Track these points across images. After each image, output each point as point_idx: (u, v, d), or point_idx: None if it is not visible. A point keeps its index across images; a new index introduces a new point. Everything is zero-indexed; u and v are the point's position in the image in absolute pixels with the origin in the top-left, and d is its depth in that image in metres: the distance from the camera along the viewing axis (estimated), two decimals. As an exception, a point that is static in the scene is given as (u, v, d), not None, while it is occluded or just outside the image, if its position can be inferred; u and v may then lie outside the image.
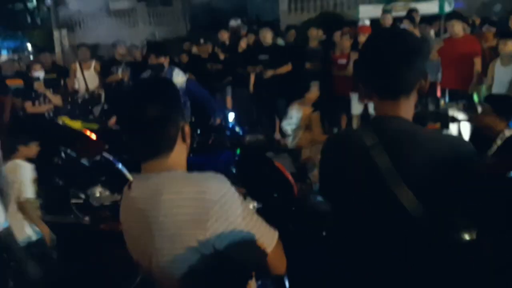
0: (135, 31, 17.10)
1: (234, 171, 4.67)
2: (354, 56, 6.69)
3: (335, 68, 6.89)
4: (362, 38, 6.77)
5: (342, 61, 6.79)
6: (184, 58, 8.80)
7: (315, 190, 4.02)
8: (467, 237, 1.53)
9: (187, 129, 1.46)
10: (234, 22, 11.58)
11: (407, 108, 1.50)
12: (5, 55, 7.25)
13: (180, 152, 1.46)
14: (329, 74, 6.95)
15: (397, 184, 1.41)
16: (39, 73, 6.18)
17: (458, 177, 1.41)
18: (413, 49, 1.47)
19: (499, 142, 3.29)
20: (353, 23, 8.61)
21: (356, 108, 6.75)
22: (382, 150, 1.44)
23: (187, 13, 19.40)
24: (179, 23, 19.07)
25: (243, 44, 8.07)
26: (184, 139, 1.47)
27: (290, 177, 3.59)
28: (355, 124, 6.80)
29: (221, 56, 8.03)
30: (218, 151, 4.78)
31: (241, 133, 4.78)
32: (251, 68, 6.93)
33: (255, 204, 2.43)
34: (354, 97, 6.69)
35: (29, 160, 6.01)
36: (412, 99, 1.50)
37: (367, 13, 11.96)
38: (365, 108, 6.68)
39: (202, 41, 8.37)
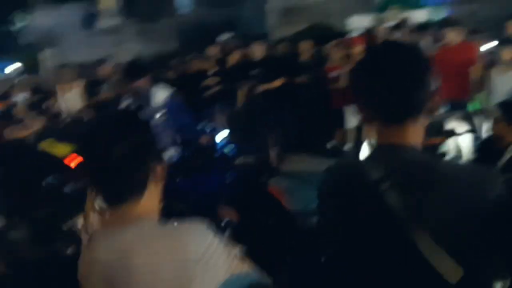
0: (123, 48, 16.91)
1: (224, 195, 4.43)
2: (347, 67, 6.51)
3: (329, 80, 6.68)
4: (355, 50, 6.60)
5: (335, 73, 6.60)
6: (173, 74, 8.64)
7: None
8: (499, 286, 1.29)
9: (160, 169, 1.24)
10: (223, 37, 11.43)
11: (416, 134, 1.26)
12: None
13: (152, 197, 1.25)
14: (322, 87, 6.74)
15: (414, 229, 1.16)
16: (20, 97, 5.93)
17: (487, 219, 1.17)
18: (420, 64, 1.26)
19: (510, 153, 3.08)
20: (344, 34, 8.46)
21: (351, 121, 6.52)
22: (393, 186, 1.19)
23: (175, 29, 19.26)
24: (167, 39, 18.92)
25: (232, 58, 7.88)
26: (156, 182, 1.25)
27: (286, 204, 3.34)
28: (350, 138, 6.57)
29: (210, 71, 7.84)
30: (207, 174, 4.53)
31: (232, 153, 4.54)
32: (240, 83, 6.71)
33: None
34: (349, 110, 6.47)
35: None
36: (422, 123, 1.26)
37: (357, 24, 11.86)
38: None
39: (191, 56, 8.20)
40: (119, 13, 19.29)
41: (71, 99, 7.24)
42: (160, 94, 4.56)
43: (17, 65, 18.35)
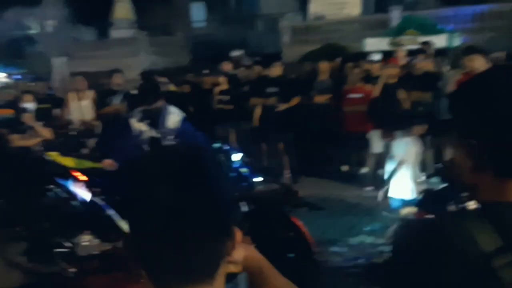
0: (136, 60, 16.85)
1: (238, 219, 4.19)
2: (367, 90, 6.33)
3: (346, 102, 6.48)
4: (374, 72, 6.42)
5: (355, 95, 6.39)
6: (187, 88, 8.47)
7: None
8: None
9: (238, 236, 0.91)
10: (235, 53, 11.32)
11: None
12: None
13: (222, 280, 0.90)
14: (338, 109, 6.54)
15: None
16: (29, 104, 5.76)
17: None
18: None
19: None
20: (361, 56, 8.30)
21: (377, 146, 6.26)
22: None
23: (188, 44, 19.24)
24: (180, 53, 18.87)
25: (247, 76, 7.72)
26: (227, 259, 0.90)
27: (309, 236, 3.09)
28: (371, 163, 6.30)
29: (224, 87, 7.68)
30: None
31: (248, 175, 4.32)
32: (256, 100, 6.50)
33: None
34: (375, 134, 6.23)
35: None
36: None
37: (373, 46, 11.69)
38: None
39: (206, 71, 8.04)
40: (133, 24, 19.31)
41: (81, 109, 7.07)
42: (173, 117, 4.40)
43: (28, 71, 18.34)
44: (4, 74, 13.79)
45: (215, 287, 0.86)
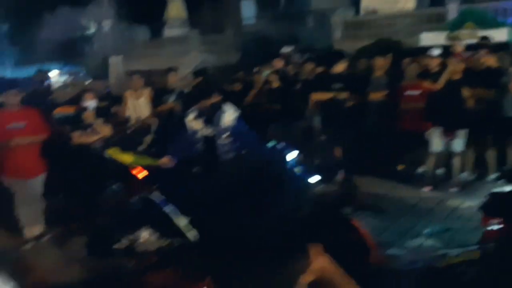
0: (187, 58, 17.12)
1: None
2: (426, 86, 6.10)
3: (404, 99, 6.26)
4: (434, 67, 6.17)
5: (413, 92, 6.17)
6: (238, 86, 8.47)
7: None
8: None
9: (314, 252, 0.90)
10: (286, 50, 11.23)
11: None
12: (59, 81, 7.12)
13: None
14: (395, 106, 6.33)
15: None
16: (91, 103, 5.95)
17: None
18: None
19: None
20: (419, 52, 8.01)
21: (437, 144, 6.03)
22: None
23: (238, 41, 19.34)
24: (230, 51, 19.01)
25: (303, 72, 7.62)
26: None
27: (370, 241, 2.99)
28: (431, 163, 6.07)
29: (275, 85, 7.63)
30: (278, 195, 4.27)
31: (303, 175, 4.26)
32: (319, 95, 6.31)
33: None
34: (435, 132, 5.99)
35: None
36: None
37: (429, 41, 11.27)
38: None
39: (257, 69, 8.01)
40: (185, 23, 19.62)
41: (138, 106, 7.25)
42: (229, 114, 4.40)
43: (84, 70, 19.02)
44: (63, 73, 14.40)
45: None
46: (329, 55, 6.45)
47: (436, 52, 6.19)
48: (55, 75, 12.12)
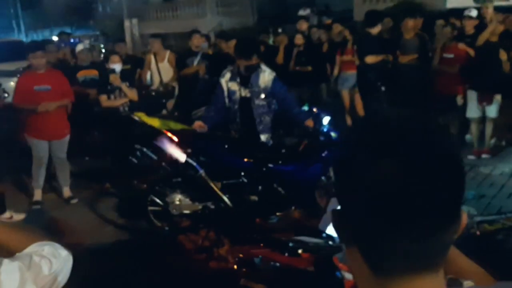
0: (203, 21, 16.81)
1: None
2: (460, 49, 5.89)
3: (441, 63, 6.04)
4: (470, 29, 5.94)
5: (446, 55, 5.96)
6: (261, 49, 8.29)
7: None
8: None
9: (464, 219, 0.80)
10: (303, 12, 10.92)
11: None
12: (80, 45, 6.99)
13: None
14: (429, 70, 6.12)
15: None
16: (117, 65, 5.86)
17: None
18: None
19: None
20: (449, 14, 7.74)
21: (474, 110, 5.84)
22: None
23: (254, 3, 18.91)
24: (246, 13, 18.61)
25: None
26: None
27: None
28: (474, 130, 5.91)
29: (302, 47, 7.44)
30: (307, 160, 4.22)
31: (337, 138, 4.18)
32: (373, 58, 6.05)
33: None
34: (471, 97, 5.80)
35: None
36: None
37: (456, 3, 10.87)
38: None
39: (280, 30, 7.80)
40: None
41: (161, 70, 7.14)
42: (266, 75, 4.28)
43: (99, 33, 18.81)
44: (82, 36, 14.28)
45: (439, 275, 0.76)
46: (367, 15, 6.13)
47: (473, 13, 5.93)
48: (76, 38, 12.00)
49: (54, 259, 1.23)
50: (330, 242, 2.42)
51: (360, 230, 0.76)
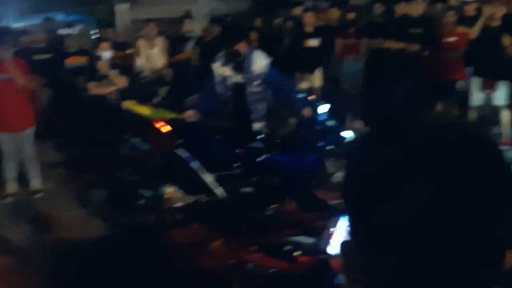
0: (196, 6, 16.46)
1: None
2: (462, 32, 5.68)
3: (443, 47, 5.82)
4: (473, 12, 5.73)
5: (451, 39, 5.74)
6: (254, 35, 8.05)
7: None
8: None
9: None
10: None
11: None
12: (68, 30, 6.72)
13: None
14: (434, 55, 5.91)
15: None
16: (107, 53, 5.62)
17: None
18: None
19: None
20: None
21: (476, 98, 5.67)
22: None
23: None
24: (240, -3, 18.25)
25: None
26: None
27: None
28: (473, 117, 5.72)
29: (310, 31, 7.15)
30: (304, 151, 4.04)
31: (335, 129, 4.00)
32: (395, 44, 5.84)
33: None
34: (475, 83, 5.61)
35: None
36: None
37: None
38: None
39: (277, 18, 7.57)
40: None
41: (152, 56, 6.89)
42: (260, 61, 4.07)
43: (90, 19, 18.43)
44: (69, 22, 13.87)
45: None
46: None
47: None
48: (63, 24, 11.65)
49: None
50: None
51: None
